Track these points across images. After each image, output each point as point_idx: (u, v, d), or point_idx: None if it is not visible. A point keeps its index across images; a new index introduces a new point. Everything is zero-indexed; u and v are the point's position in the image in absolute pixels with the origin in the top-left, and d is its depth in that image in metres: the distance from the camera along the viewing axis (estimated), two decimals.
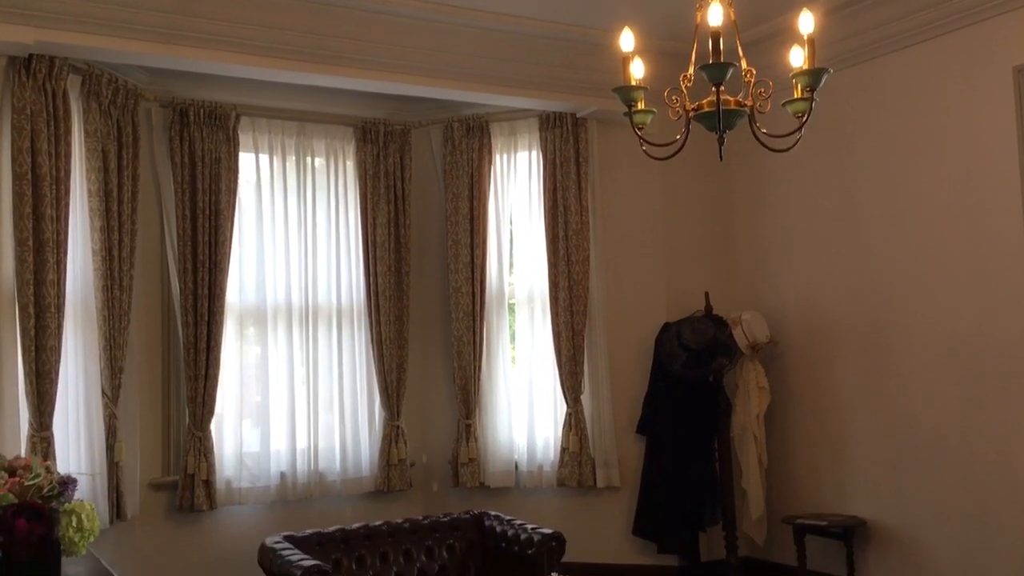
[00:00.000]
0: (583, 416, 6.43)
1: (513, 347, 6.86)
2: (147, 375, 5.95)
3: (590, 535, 6.26)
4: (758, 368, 6.09)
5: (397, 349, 6.61)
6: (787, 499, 6.15)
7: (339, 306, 6.57)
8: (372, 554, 5.24)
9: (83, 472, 4.77)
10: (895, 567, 5.50)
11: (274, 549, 4.90)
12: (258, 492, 6.15)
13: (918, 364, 5.43)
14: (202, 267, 5.93)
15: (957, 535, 5.17)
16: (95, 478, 4.90)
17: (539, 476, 6.53)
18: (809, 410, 6.10)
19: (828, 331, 5.98)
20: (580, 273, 6.46)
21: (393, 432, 6.55)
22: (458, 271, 6.64)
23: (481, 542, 5.49)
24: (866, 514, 5.66)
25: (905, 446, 5.48)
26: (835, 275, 5.94)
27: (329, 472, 6.40)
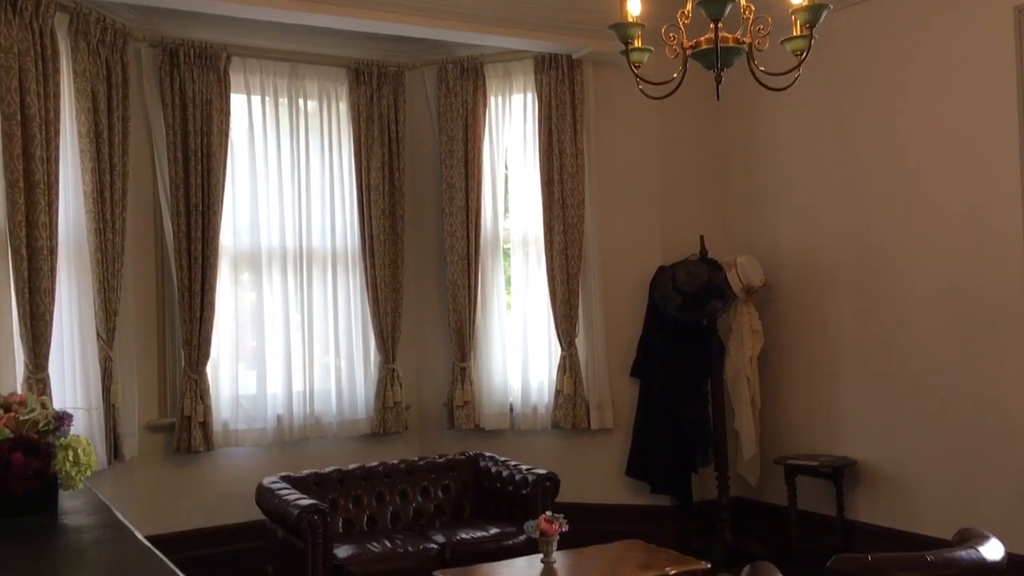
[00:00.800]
0: (577, 359, 6.46)
1: (508, 292, 6.86)
2: (142, 318, 5.95)
3: (584, 476, 6.34)
4: (752, 311, 6.11)
5: (392, 293, 6.61)
6: (779, 441, 6.22)
7: (333, 250, 6.56)
8: (369, 494, 5.32)
9: (79, 407, 4.79)
10: (884, 506, 5.58)
11: (271, 489, 4.96)
12: (255, 434, 6.19)
13: (911, 307, 5.45)
14: (195, 210, 5.90)
15: (947, 475, 5.24)
16: (91, 413, 4.92)
17: (533, 418, 6.58)
18: (802, 353, 6.14)
19: (822, 275, 5.99)
20: (575, 216, 6.44)
21: (388, 375, 6.58)
22: (453, 215, 6.62)
23: (476, 482, 5.56)
24: (856, 455, 5.73)
25: (896, 388, 5.52)
26: (830, 219, 5.93)
27: (325, 415, 6.44)
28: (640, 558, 4.26)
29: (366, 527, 5.20)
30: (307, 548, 4.52)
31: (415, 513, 5.37)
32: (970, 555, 3.03)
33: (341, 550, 4.68)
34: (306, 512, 4.53)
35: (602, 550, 4.42)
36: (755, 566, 2.97)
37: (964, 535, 3.25)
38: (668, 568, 4.08)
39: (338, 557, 4.62)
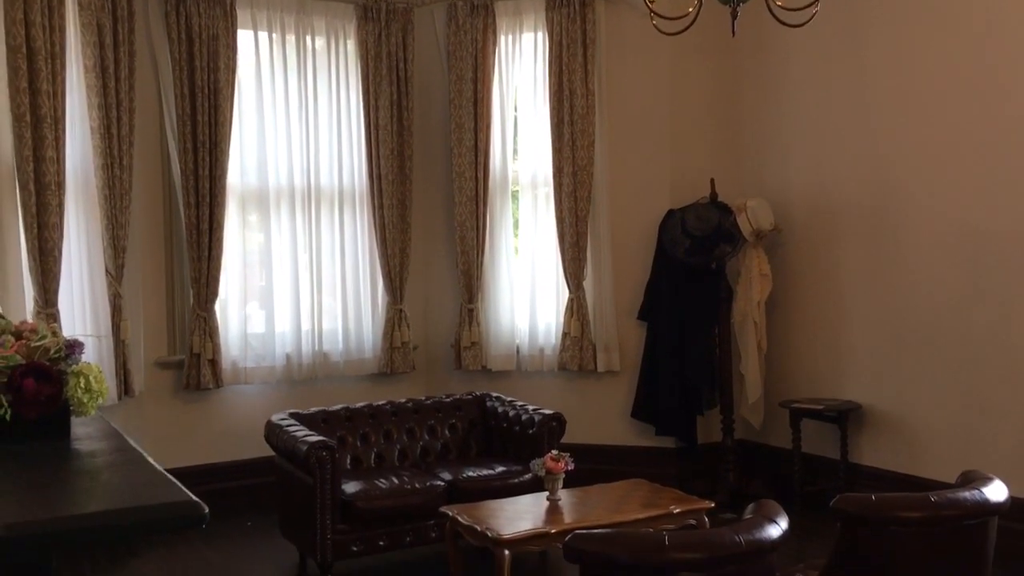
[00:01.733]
0: (585, 301, 6.47)
1: (516, 234, 6.85)
2: (150, 255, 5.96)
3: (589, 417, 6.38)
4: (761, 255, 6.09)
5: (400, 233, 6.60)
6: (784, 384, 6.24)
7: (341, 189, 6.54)
8: (376, 432, 5.36)
9: (88, 334, 4.82)
10: (888, 450, 5.61)
11: (280, 425, 5.00)
12: (263, 372, 6.24)
13: (923, 253, 5.42)
14: (202, 147, 5.87)
15: (952, 419, 5.26)
16: (101, 341, 4.96)
17: (540, 360, 6.61)
18: (810, 297, 6.13)
19: (833, 219, 5.95)
20: (585, 158, 6.39)
21: (396, 316, 6.60)
22: (461, 155, 6.57)
23: (483, 422, 5.60)
24: (861, 399, 5.75)
25: (904, 333, 5.52)
26: (843, 163, 5.87)
27: (333, 354, 6.48)
28: (644, 497, 4.30)
29: (373, 464, 5.25)
30: (315, 483, 4.57)
31: (422, 451, 5.42)
32: (974, 496, 3.05)
33: (349, 486, 4.74)
34: (314, 448, 4.58)
35: (607, 489, 4.47)
36: (759, 503, 2.99)
37: (968, 477, 3.26)
38: (672, 507, 4.13)
39: (346, 492, 4.67)
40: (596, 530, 3.09)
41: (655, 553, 2.66)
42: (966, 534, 3.03)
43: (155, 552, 5.24)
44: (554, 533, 3.81)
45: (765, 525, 2.80)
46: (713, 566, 2.67)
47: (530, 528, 3.88)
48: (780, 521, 2.85)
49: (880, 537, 2.99)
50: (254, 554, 5.17)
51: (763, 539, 2.74)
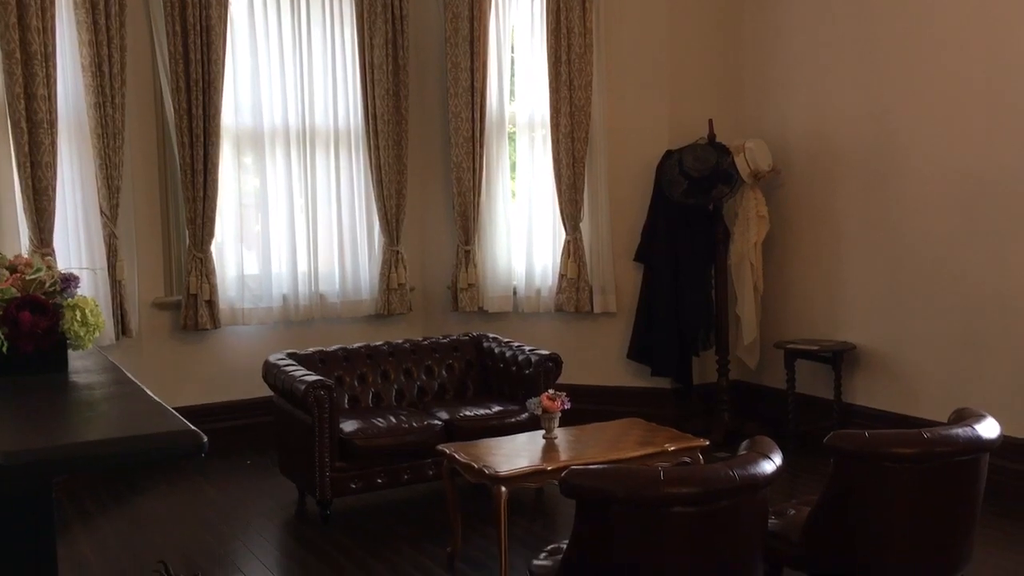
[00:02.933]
0: (582, 243, 6.45)
1: (513, 177, 6.81)
2: (144, 195, 5.93)
3: (586, 359, 6.42)
4: (758, 196, 6.06)
5: (396, 175, 6.56)
6: (780, 326, 6.27)
7: (336, 130, 6.47)
8: (373, 372, 5.38)
9: (84, 267, 4.81)
10: (881, 390, 5.66)
11: (278, 365, 5.02)
12: (261, 313, 6.25)
13: (920, 195, 5.40)
14: (195, 86, 5.79)
15: (946, 360, 5.29)
16: (96, 274, 4.95)
17: (537, 301, 6.63)
18: (807, 239, 6.12)
19: (831, 160, 5.92)
20: (582, 99, 6.33)
21: (393, 257, 6.59)
22: (457, 95, 6.50)
23: (480, 362, 5.63)
24: (856, 340, 5.78)
25: (900, 275, 5.53)
26: (842, 105, 5.82)
27: (330, 295, 6.49)
28: (640, 435, 4.34)
29: (371, 404, 5.29)
30: (314, 422, 4.61)
31: (419, 391, 5.45)
32: (966, 433, 3.08)
33: (347, 424, 4.77)
34: (312, 387, 4.60)
35: (602, 427, 4.50)
36: (754, 440, 3.02)
37: (960, 414, 3.29)
38: (667, 445, 4.16)
39: (344, 431, 4.71)
40: (592, 466, 3.12)
41: (650, 487, 2.69)
42: (958, 470, 3.07)
43: (157, 489, 5.31)
44: (550, 470, 3.84)
45: (759, 461, 2.83)
46: (707, 500, 2.70)
47: (527, 465, 3.91)
48: (774, 457, 2.88)
49: (873, 473, 3.03)
50: (254, 492, 5.24)
51: (757, 474, 2.77)
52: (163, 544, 4.42)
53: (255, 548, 4.44)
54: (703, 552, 2.75)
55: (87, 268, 4.78)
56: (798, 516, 3.32)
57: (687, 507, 2.69)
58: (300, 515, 4.90)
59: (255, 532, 4.67)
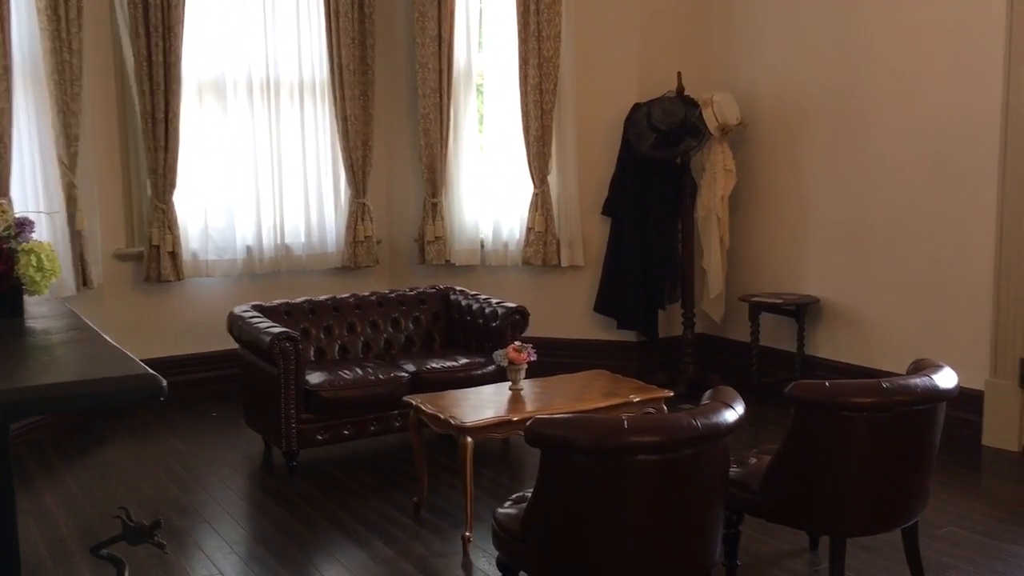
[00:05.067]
0: (549, 196, 6.43)
1: (481, 129, 6.75)
2: (104, 144, 5.81)
3: (552, 312, 6.43)
4: (726, 150, 6.07)
5: (362, 126, 6.48)
6: (745, 279, 6.32)
7: (301, 79, 6.38)
8: (340, 324, 5.36)
9: (41, 210, 4.71)
10: (844, 342, 5.74)
11: (243, 317, 4.98)
12: (225, 265, 6.19)
13: (885, 148, 5.43)
14: (155, 32, 5.66)
15: (907, 313, 5.37)
16: (54, 219, 4.86)
17: (504, 255, 6.61)
18: (773, 193, 6.15)
19: (799, 115, 5.93)
20: (551, 50, 6.26)
21: (359, 209, 6.54)
22: (425, 45, 6.41)
23: (447, 315, 5.62)
24: (819, 293, 5.85)
25: (864, 229, 5.58)
26: (810, 59, 5.81)
27: (295, 247, 6.44)
28: (605, 386, 4.37)
29: (337, 356, 5.27)
30: (279, 374, 4.59)
31: (386, 343, 5.44)
32: (924, 382, 3.13)
33: (313, 376, 4.76)
34: (278, 339, 4.57)
35: (568, 379, 4.52)
36: (717, 390, 3.05)
37: (919, 364, 3.35)
38: (632, 396, 4.20)
39: (310, 383, 4.69)
40: (557, 416, 3.14)
41: (614, 436, 2.71)
42: (915, 419, 3.13)
43: (121, 442, 5.28)
44: (516, 420, 3.86)
45: (721, 410, 2.86)
46: (670, 449, 2.74)
47: (492, 416, 3.93)
48: (736, 406, 2.92)
49: (833, 422, 3.08)
50: (220, 444, 5.22)
51: (719, 423, 2.81)
52: (128, 495, 4.41)
53: (221, 499, 4.44)
54: (666, 500, 2.79)
55: (43, 212, 4.68)
56: (759, 465, 3.37)
57: (650, 455, 2.72)
58: (266, 467, 4.90)
59: (221, 483, 4.66)
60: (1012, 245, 4.80)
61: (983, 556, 3.67)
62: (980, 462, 4.80)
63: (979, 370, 4.94)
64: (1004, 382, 4.88)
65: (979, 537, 3.85)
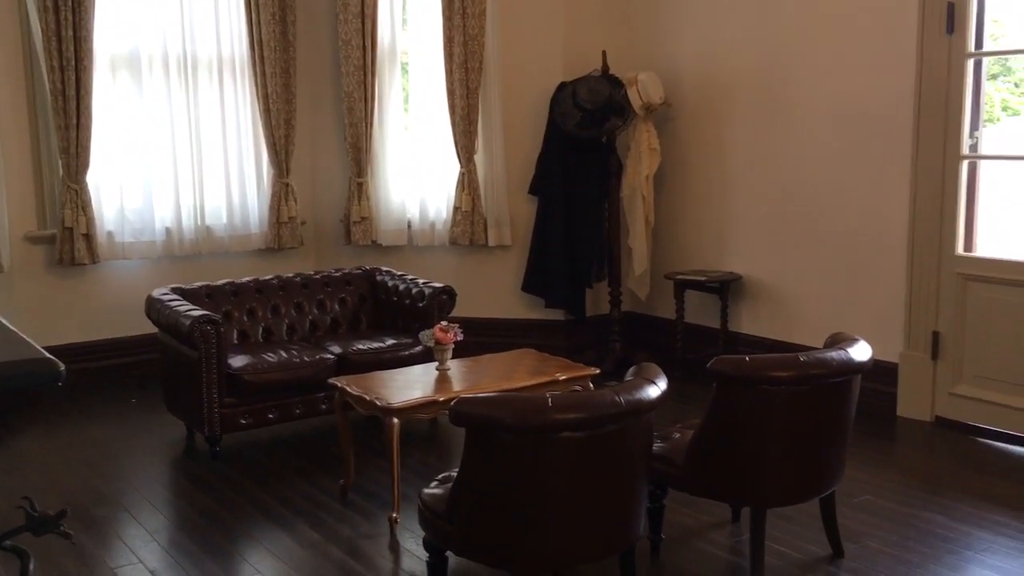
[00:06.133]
0: (476, 175, 6.40)
1: (406, 108, 6.67)
2: (10, 123, 5.60)
3: (480, 291, 6.42)
4: (650, 129, 6.11)
5: (284, 104, 6.36)
6: (671, 257, 6.39)
7: (220, 56, 6.21)
8: (263, 307, 5.27)
9: None
10: (765, 318, 5.85)
11: (161, 300, 4.86)
12: (143, 247, 6.03)
13: (804, 127, 5.53)
14: (64, 5, 5.45)
15: (825, 288, 5.50)
16: None
17: (431, 234, 6.57)
18: (697, 172, 6.22)
19: (721, 94, 6.00)
20: (475, 28, 6.21)
21: (282, 190, 6.42)
22: (347, 22, 6.30)
23: (373, 296, 5.57)
24: (742, 270, 5.95)
25: (784, 206, 5.69)
26: (733, 38, 5.88)
27: (217, 228, 6.30)
28: (532, 365, 4.38)
29: (261, 339, 5.18)
30: (200, 358, 4.49)
31: (311, 325, 5.36)
32: (839, 356, 3.22)
33: (236, 360, 4.67)
34: (198, 322, 4.47)
35: (495, 358, 4.52)
36: (640, 366, 3.09)
37: (835, 338, 3.44)
38: (558, 374, 4.21)
39: (232, 366, 4.61)
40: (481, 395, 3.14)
41: (538, 414, 2.72)
42: (831, 392, 3.21)
43: (35, 431, 5.10)
44: (442, 400, 3.84)
45: (644, 386, 2.90)
46: (593, 425, 2.76)
47: (419, 396, 3.91)
48: (659, 382, 2.96)
49: (752, 396, 3.15)
50: (140, 430, 5.10)
51: (642, 399, 2.85)
52: (43, 486, 4.28)
53: (141, 487, 4.34)
54: (590, 476, 2.82)
55: None
56: (683, 439, 3.43)
57: (574, 432, 2.74)
58: (189, 452, 4.80)
59: (141, 470, 4.56)
60: (924, 222, 4.95)
61: (897, 523, 3.79)
62: (895, 432, 4.96)
63: (894, 343, 5.09)
64: (917, 354, 5.04)
65: (894, 505, 3.98)
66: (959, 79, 4.77)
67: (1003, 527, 3.73)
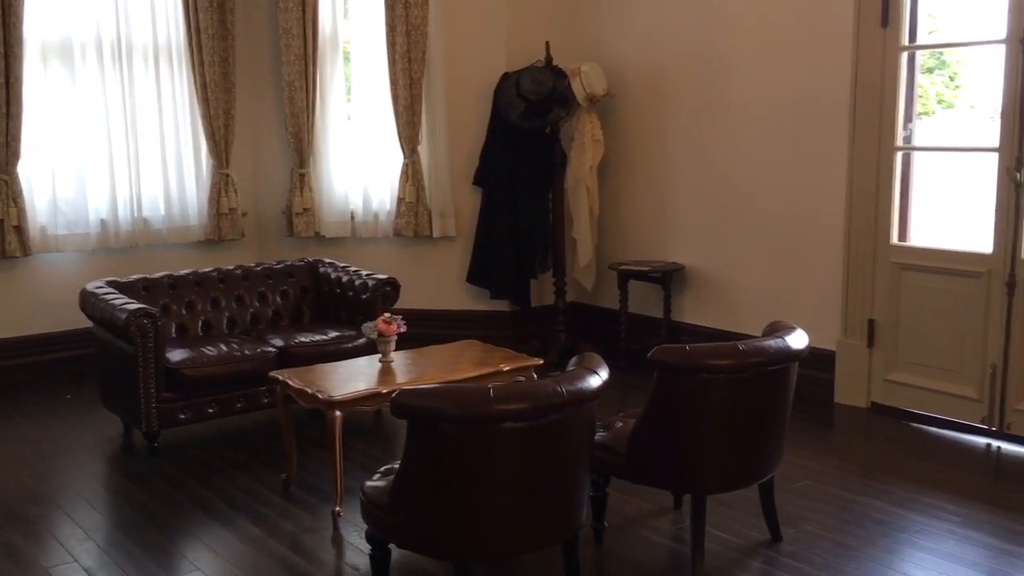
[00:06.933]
0: (420, 166, 6.37)
1: (349, 98, 6.61)
2: None
3: (425, 283, 6.40)
4: (594, 120, 6.13)
5: (223, 93, 6.24)
6: (615, 248, 6.43)
7: (156, 43, 6.08)
8: (203, 300, 5.18)
9: None
10: (707, 308, 5.92)
11: (96, 294, 4.75)
12: (77, 239, 5.88)
13: (744, 120, 5.60)
14: None
15: (765, 278, 5.59)
16: None
17: (375, 226, 6.52)
18: (640, 163, 6.26)
19: (663, 85, 6.04)
20: (418, 17, 6.16)
21: (222, 180, 6.32)
22: (288, 10, 6.21)
23: (316, 288, 5.51)
24: (685, 260, 6.01)
25: (725, 196, 5.75)
26: (675, 29, 5.92)
27: (154, 220, 6.18)
28: (476, 356, 4.37)
29: (200, 332, 5.09)
30: (137, 352, 4.40)
31: (252, 318, 5.29)
32: (777, 344, 3.26)
33: (174, 354, 4.58)
34: (135, 316, 4.38)
35: (440, 349, 4.50)
36: (582, 356, 3.10)
37: (773, 327, 3.49)
38: (502, 365, 4.21)
39: (171, 360, 4.52)
40: (423, 387, 3.12)
41: (479, 405, 2.72)
42: (770, 379, 3.26)
43: None
44: (385, 393, 3.81)
45: (586, 376, 2.90)
46: (536, 415, 2.77)
47: (362, 389, 3.87)
48: (601, 372, 2.97)
49: (692, 384, 3.17)
50: (76, 427, 4.98)
51: (584, 389, 2.85)
52: None
53: (77, 485, 4.24)
54: (533, 466, 2.82)
55: None
56: (625, 428, 3.45)
57: (516, 423, 2.74)
58: (126, 449, 4.71)
59: (77, 468, 4.45)
60: (860, 212, 5.04)
61: (835, 508, 3.86)
62: (832, 418, 5.06)
63: (831, 331, 5.19)
64: (854, 342, 5.14)
65: (831, 489, 4.05)
66: (893, 72, 4.87)
67: (936, 509, 3.83)
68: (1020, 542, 3.52)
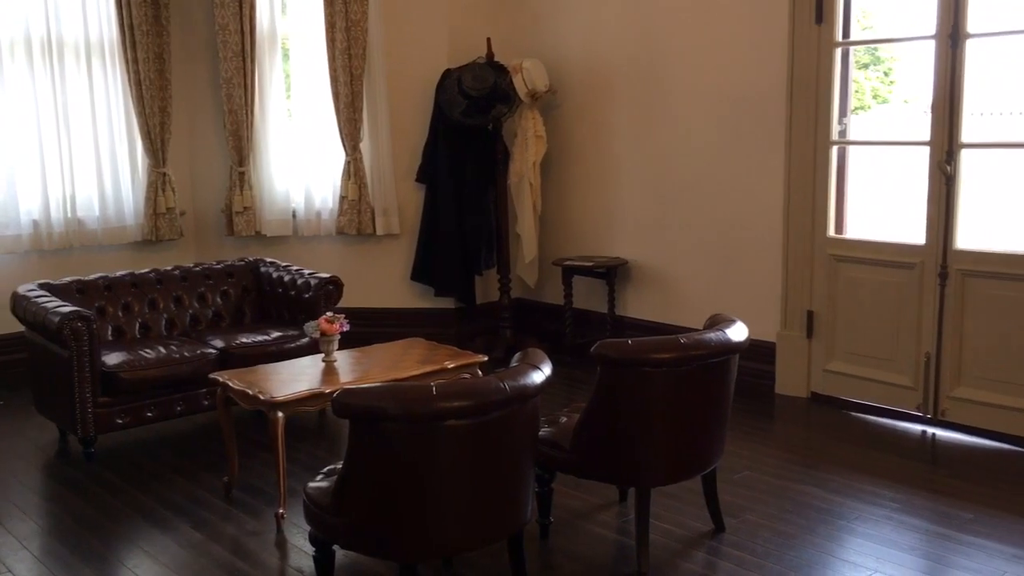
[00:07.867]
0: (362, 164, 6.31)
1: (288, 95, 6.52)
2: None
3: (369, 281, 6.35)
4: (536, 116, 6.14)
5: (159, 90, 6.12)
6: (559, 244, 6.45)
7: (88, 40, 5.93)
8: (140, 301, 5.08)
9: None
10: (650, 302, 5.97)
11: (28, 297, 4.62)
12: (8, 241, 5.73)
13: (684, 116, 5.65)
14: None
15: (705, 272, 5.65)
16: None
17: (317, 224, 6.45)
18: (583, 158, 6.29)
19: (605, 81, 6.07)
20: (358, 13, 6.11)
21: (159, 179, 6.19)
22: (224, 6, 6.11)
23: (257, 288, 5.43)
24: (628, 255, 6.05)
25: (666, 191, 5.81)
26: (615, 25, 5.96)
27: (89, 221, 6.04)
28: (421, 354, 4.35)
29: (138, 335, 4.99)
30: (71, 356, 4.29)
31: (192, 320, 5.19)
32: (718, 337, 3.30)
33: (110, 357, 4.48)
34: (68, 319, 4.27)
35: (384, 348, 4.47)
36: (525, 352, 3.10)
37: (714, 320, 3.53)
38: (447, 362, 4.20)
39: (107, 364, 4.42)
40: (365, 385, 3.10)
41: (422, 403, 2.70)
42: (711, 372, 3.29)
43: None
44: (328, 392, 3.77)
45: (529, 372, 2.90)
46: (479, 413, 2.76)
47: (304, 389, 3.82)
48: (544, 367, 2.97)
49: (635, 378, 3.19)
50: (8, 433, 4.84)
51: (527, 385, 2.85)
52: None
53: (10, 493, 4.12)
54: (477, 463, 2.81)
55: None
56: (569, 423, 3.46)
57: (460, 420, 2.73)
58: (62, 455, 4.59)
59: (10, 475, 4.32)
60: (798, 206, 5.13)
61: (776, 497, 3.92)
62: (773, 409, 5.14)
63: (771, 323, 5.27)
64: (793, 334, 5.23)
65: (772, 479, 4.12)
66: (828, 67, 4.95)
67: (874, 496, 3.91)
68: (955, 526, 3.61)
